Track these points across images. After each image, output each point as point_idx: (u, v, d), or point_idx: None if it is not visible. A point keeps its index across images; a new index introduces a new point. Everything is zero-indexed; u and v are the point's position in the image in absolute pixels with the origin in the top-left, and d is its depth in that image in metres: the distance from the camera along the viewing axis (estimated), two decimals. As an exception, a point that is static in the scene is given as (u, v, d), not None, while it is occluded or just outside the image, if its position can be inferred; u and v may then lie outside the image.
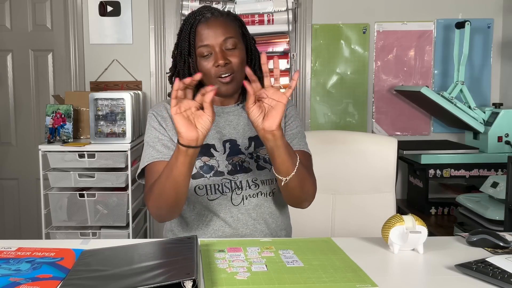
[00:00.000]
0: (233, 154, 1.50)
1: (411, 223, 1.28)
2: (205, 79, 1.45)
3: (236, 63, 1.44)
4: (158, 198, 1.36)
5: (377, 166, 1.93)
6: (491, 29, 3.27)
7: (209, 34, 1.43)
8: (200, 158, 1.47)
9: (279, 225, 1.56)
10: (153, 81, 3.29)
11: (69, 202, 2.81)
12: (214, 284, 1.08)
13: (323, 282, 1.09)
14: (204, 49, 1.43)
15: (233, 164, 1.49)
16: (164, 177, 1.33)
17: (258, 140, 1.50)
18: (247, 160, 1.50)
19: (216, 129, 1.52)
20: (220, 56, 1.41)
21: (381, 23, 3.27)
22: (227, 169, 1.48)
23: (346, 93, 3.31)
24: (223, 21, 1.45)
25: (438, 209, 2.94)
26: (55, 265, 1.19)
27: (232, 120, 1.54)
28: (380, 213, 1.80)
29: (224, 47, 1.43)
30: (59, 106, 2.90)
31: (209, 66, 1.43)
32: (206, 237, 1.48)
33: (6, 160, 3.55)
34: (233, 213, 1.48)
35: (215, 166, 1.48)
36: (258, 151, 1.52)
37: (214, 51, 1.43)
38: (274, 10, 3.09)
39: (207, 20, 1.44)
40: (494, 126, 2.88)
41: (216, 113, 1.51)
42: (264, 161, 1.51)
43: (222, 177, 1.47)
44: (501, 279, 1.07)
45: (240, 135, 1.53)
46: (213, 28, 1.43)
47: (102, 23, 3.26)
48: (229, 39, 1.43)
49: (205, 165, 1.47)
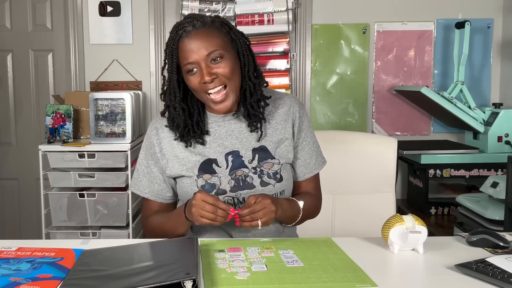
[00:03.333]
0: (236, 167, 1.46)
1: (411, 223, 1.28)
2: (196, 94, 1.43)
3: (225, 73, 1.38)
4: (157, 232, 1.48)
5: (377, 166, 1.93)
6: (491, 29, 3.27)
7: (191, 50, 1.37)
8: (201, 176, 1.45)
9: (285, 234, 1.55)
10: (153, 81, 3.29)
11: (69, 202, 2.80)
12: (214, 284, 1.08)
13: (323, 282, 1.09)
14: (189, 66, 1.38)
15: (236, 179, 1.45)
16: (163, 224, 1.48)
17: (262, 152, 1.48)
18: (251, 175, 1.46)
19: (217, 142, 1.48)
20: (205, 72, 1.36)
21: (381, 23, 3.27)
22: (229, 185, 1.45)
23: (346, 93, 3.31)
24: (205, 33, 1.38)
25: (438, 209, 2.94)
26: (55, 265, 1.19)
27: (234, 130, 1.49)
28: (380, 213, 1.80)
29: (208, 61, 1.37)
30: (59, 106, 2.90)
31: (196, 82, 1.39)
32: None
33: (6, 160, 3.54)
34: (236, 228, 1.46)
35: (217, 184, 1.45)
36: (262, 165, 1.47)
37: (199, 67, 1.38)
38: (274, 10, 3.09)
39: (188, 34, 1.38)
40: (494, 126, 2.88)
41: (217, 123, 1.50)
42: (268, 176, 1.47)
43: (224, 195, 1.45)
44: (501, 279, 1.08)
45: (243, 145, 1.48)
46: (195, 43, 1.37)
47: (102, 23, 3.26)
48: (212, 53, 1.37)
49: (207, 183, 1.45)
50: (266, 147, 1.48)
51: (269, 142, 1.49)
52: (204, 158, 1.46)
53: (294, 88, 3.25)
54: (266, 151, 1.48)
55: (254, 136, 1.49)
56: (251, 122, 1.47)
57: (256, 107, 1.46)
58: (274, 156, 1.48)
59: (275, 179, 1.47)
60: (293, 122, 1.53)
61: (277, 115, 1.52)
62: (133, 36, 3.28)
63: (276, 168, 1.48)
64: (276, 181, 1.47)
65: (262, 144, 1.48)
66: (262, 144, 1.48)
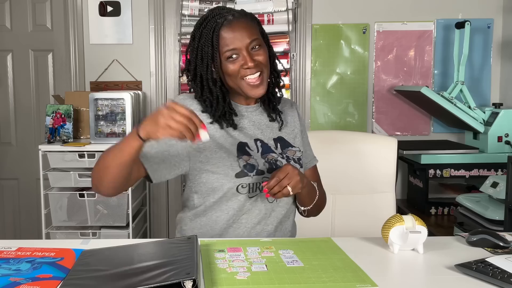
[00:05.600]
0: (266, 152, 1.52)
1: (411, 223, 1.28)
2: (230, 80, 1.46)
3: (264, 60, 1.47)
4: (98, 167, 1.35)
5: (377, 166, 1.93)
6: (491, 29, 3.27)
7: (235, 37, 1.43)
8: (241, 157, 1.47)
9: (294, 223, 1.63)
10: (153, 81, 3.29)
11: (69, 202, 2.81)
12: (214, 284, 1.08)
13: (323, 282, 1.09)
14: (230, 52, 1.44)
15: (269, 162, 1.50)
16: (105, 153, 1.32)
17: (283, 141, 1.56)
18: (280, 159, 1.52)
19: (243, 131, 1.52)
20: (249, 59, 1.43)
21: (381, 23, 3.27)
22: (265, 167, 1.49)
23: (346, 93, 3.31)
24: (245, 23, 1.46)
25: (438, 209, 2.94)
26: (55, 265, 1.19)
27: (255, 121, 1.55)
28: (380, 213, 1.80)
29: (249, 49, 1.44)
30: (59, 106, 2.90)
31: (235, 67, 1.44)
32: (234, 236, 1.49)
33: (6, 160, 3.55)
34: (268, 209, 1.50)
35: (255, 165, 1.48)
36: (286, 152, 1.55)
37: (241, 54, 1.44)
38: (274, 10, 3.09)
39: (230, 23, 1.44)
40: (494, 126, 2.88)
41: (240, 113, 1.54)
42: (294, 161, 1.54)
43: (263, 175, 1.48)
44: (501, 279, 1.08)
45: (265, 136, 1.54)
46: (238, 31, 1.43)
47: (102, 23, 3.26)
48: (254, 41, 1.44)
49: (248, 164, 1.47)
50: (284, 138, 1.57)
51: (285, 134, 1.58)
52: (238, 141, 1.50)
53: (294, 88, 3.25)
54: (285, 141, 1.57)
55: (273, 128, 1.57)
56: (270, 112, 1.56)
57: (275, 97, 1.57)
58: (293, 145, 1.57)
59: (299, 164, 1.55)
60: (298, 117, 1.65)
61: (284, 111, 1.62)
62: (133, 36, 3.28)
63: (298, 155, 1.56)
64: (300, 166, 1.55)
65: (280, 135, 1.56)
66: (280, 135, 1.56)
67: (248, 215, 1.49)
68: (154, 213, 3.38)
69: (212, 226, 1.51)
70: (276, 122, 1.57)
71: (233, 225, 1.50)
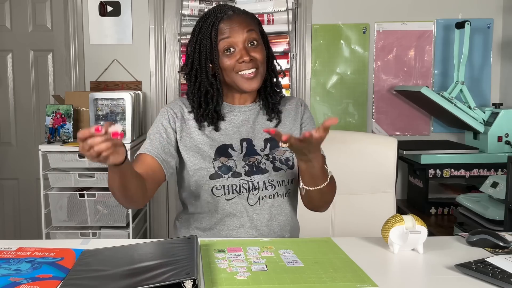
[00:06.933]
0: (249, 154, 1.51)
1: (411, 223, 1.28)
2: (226, 75, 1.47)
3: (260, 58, 1.47)
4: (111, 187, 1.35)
5: (377, 166, 1.93)
6: (491, 29, 3.27)
7: (232, 29, 1.45)
8: (218, 159, 1.48)
9: (292, 225, 1.58)
10: (153, 81, 3.29)
11: (69, 202, 2.81)
12: (214, 284, 1.08)
13: (323, 282, 1.09)
14: (227, 44, 1.45)
15: (249, 164, 1.49)
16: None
17: (274, 142, 1.52)
18: (263, 161, 1.51)
19: (233, 129, 1.53)
20: (244, 53, 1.44)
21: (381, 23, 3.27)
22: (244, 169, 1.49)
23: (346, 93, 3.31)
24: (245, 18, 1.48)
25: (438, 209, 2.94)
26: (55, 265, 1.19)
27: (249, 119, 1.55)
28: (380, 213, 1.80)
29: (247, 44, 1.46)
30: (59, 106, 2.90)
31: (231, 62, 1.46)
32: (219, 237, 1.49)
33: (6, 160, 3.55)
34: (249, 212, 1.49)
35: (232, 167, 1.48)
36: (273, 153, 1.53)
37: (237, 48, 1.45)
38: (274, 10, 3.09)
39: (230, 17, 1.46)
40: (494, 126, 2.88)
41: (233, 112, 1.55)
42: (280, 162, 1.52)
43: (239, 178, 1.48)
44: (501, 279, 1.08)
45: (256, 135, 1.54)
46: (236, 24, 1.46)
47: (102, 23, 3.26)
48: (251, 35, 1.46)
49: (223, 165, 1.48)
50: None
51: None
52: (220, 144, 1.50)
53: (294, 88, 3.25)
54: (275, 141, 1.53)
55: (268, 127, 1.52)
56: (269, 111, 1.56)
57: (274, 97, 1.56)
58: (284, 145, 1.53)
59: (287, 166, 1.52)
60: (301, 116, 1.61)
61: (285, 111, 1.60)
62: (133, 36, 3.28)
63: (288, 155, 1.53)
64: (287, 167, 1.52)
65: None
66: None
67: (230, 218, 1.49)
68: (154, 213, 3.38)
69: (197, 226, 1.54)
70: (274, 122, 1.57)
71: (216, 227, 1.51)
